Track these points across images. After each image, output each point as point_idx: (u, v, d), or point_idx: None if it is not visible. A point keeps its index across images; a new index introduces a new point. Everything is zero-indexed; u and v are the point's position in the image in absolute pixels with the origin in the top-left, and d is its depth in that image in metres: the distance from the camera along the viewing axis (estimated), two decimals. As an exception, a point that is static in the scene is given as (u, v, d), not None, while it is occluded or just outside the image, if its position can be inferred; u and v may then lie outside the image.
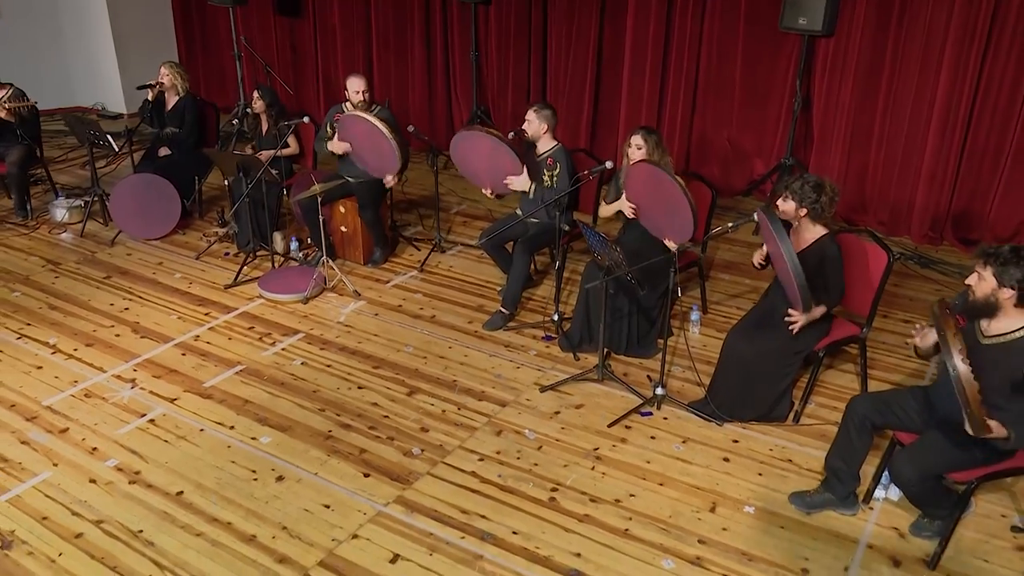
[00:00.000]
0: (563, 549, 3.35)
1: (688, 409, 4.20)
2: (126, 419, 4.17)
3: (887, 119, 6.10)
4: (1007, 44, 5.55)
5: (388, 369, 4.62)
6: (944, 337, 2.81)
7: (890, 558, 3.31)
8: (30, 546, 3.36)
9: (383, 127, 5.24)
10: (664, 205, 4.36)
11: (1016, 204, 5.85)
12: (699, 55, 6.74)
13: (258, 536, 3.41)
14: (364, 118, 5.32)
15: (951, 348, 2.76)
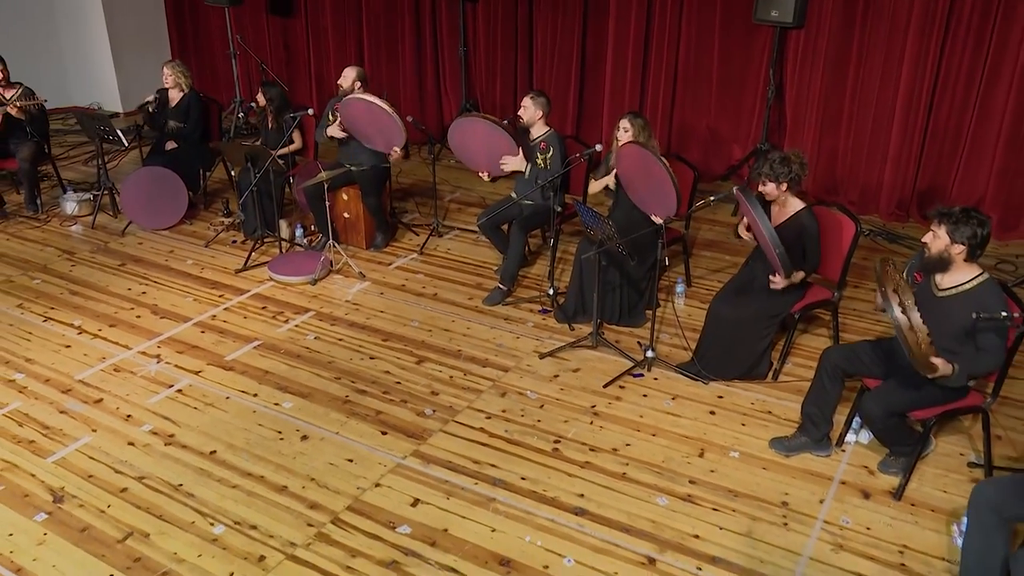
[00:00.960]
0: (567, 491, 3.70)
1: (676, 370, 4.57)
2: (155, 390, 4.48)
3: (855, 105, 6.51)
4: (963, 35, 5.97)
5: (396, 341, 4.95)
6: (884, 291, 3.20)
7: (860, 491, 3.69)
8: (80, 500, 3.66)
9: (380, 101, 5.51)
10: (650, 183, 4.72)
11: (974, 181, 6.28)
12: (678, 47, 7.11)
13: (289, 487, 3.74)
14: (361, 98, 5.60)
15: (890, 300, 3.15)
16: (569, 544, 3.41)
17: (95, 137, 6.57)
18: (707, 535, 3.45)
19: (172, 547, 3.40)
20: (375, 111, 5.57)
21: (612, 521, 3.52)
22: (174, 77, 6.59)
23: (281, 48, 9.25)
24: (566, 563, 3.31)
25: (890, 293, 3.19)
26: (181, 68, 6.65)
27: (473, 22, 8.06)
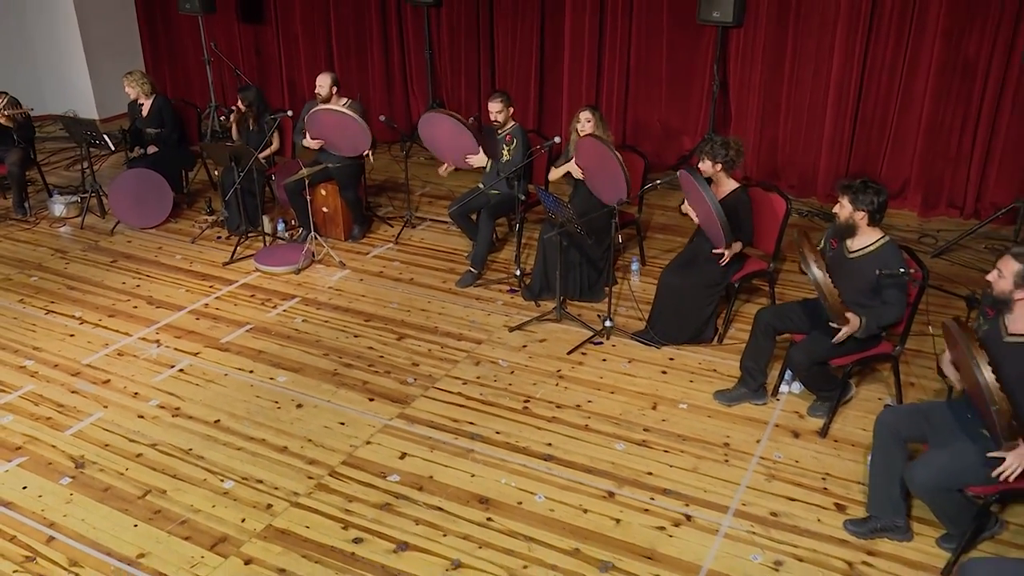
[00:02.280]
0: (537, 441, 4.20)
1: (632, 337, 5.09)
2: (158, 370, 4.89)
3: (791, 97, 7.09)
4: (885, 30, 6.58)
5: (378, 321, 5.41)
6: (802, 253, 3.75)
7: (792, 432, 4.24)
8: (100, 465, 4.08)
9: (344, 109, 5.96)
10: (605, 171, 5.24)
11: (900, 164, 6.89)
12: (629, 47, 7.64)
13: (289, 447, 4.19)
14: (326, 108, 6.05)
15: (808, 260, 3.70)
16: (539, 484, 3.90)
17: (82, 142, 6.93)
18: (659, 472, 3.97)
19: (188, 500, 3.83)
20: (342, 120, 6.00)
21: (576, 464, 4.03)
22: (136, 87, 6.93)
23: (253, 54, 9.62)
24: (537, 499, 3.81)
25: (806, 253, 3.74)
26: (139, 76, 6.99)
27: (437, 26, 8.52)
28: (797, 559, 3.45)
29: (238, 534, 3.63)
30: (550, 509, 3.75)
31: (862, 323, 3.86)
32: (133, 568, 3.45)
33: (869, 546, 3.50)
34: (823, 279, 3.70)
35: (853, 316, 3.85)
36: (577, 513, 3.72)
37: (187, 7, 8.53)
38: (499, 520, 3.69)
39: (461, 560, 3.47)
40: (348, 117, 5.97)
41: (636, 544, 3.54)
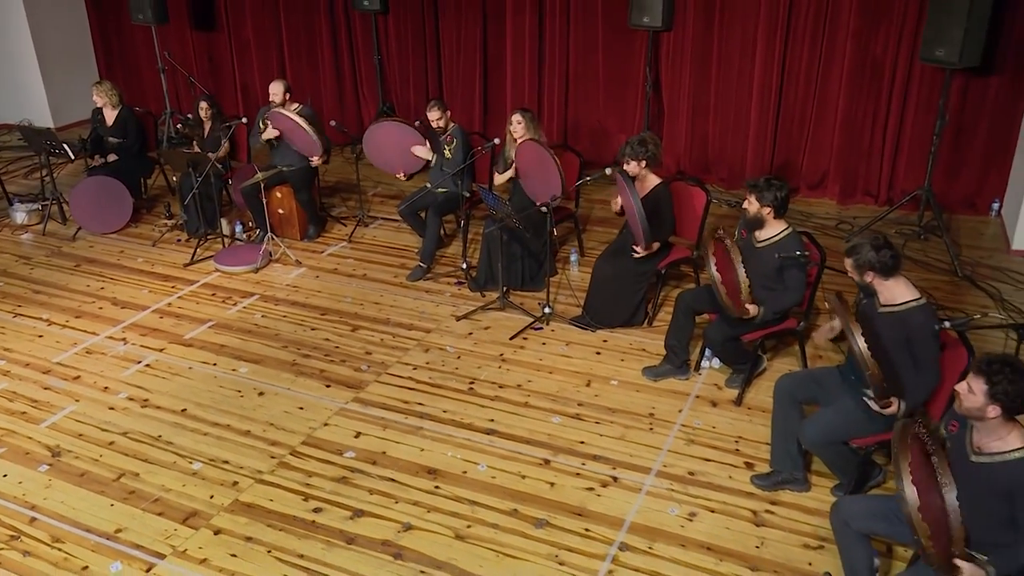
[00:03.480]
0: (481, 418, 4.61)
1: (569, 322, 5.52)
2: (126, 366, 5.20)
3: (719, 95, 7.58)
4: (801, 33, 7.10)
5: (333, 315, 5.77)
6: (707, 256, 4.23)
7: (710, 402, 4.70)
8: (75, 453, 4.40)
9: (298, 119, 6.30)
10: (542, 173, 5.65)
11: (819, 158, 7.44)
12: (568, 50, 8.08)
13: (252, 431, 4.55)
14: (286, 115, 6.39)
15: (710, 263, 4.19)
16: (482, 455, 4.31)
17: (41, 151, 7.16)
18: (590, 441, 4.40)
19: (159, 481, 4.17)
20: (296, 128, 6.34)
21: (516, 436, 4.45)
22: (104, 97, 7.20)
23: (206, 61, 9.87)
24: (480, 468, 4.22)
25: (709, 254, 4.23)
26: (109, 87, 7.25)
27: (385, 32, 8.87)
28: (709, 511, 3.90)
29: (207, 509, 3.98)
30: (492, 476, 4.16)
31: (760, 312, 4.34)
32: (112, 542, 3.78)
33: (773, 497, 3.97)
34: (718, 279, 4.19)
35: (752, 308, 4.33)
36: (516, 479, 4.14)
37: (140, 17, 8.77)
38: (446, 488, 4.09)
39: (411, 523, 3.86)
40: (303, 130, 6.30)
41: (568, 503, 3.97)
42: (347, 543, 3.75)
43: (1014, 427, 2.76)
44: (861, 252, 3.61)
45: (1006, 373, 2.68)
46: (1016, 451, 2.72)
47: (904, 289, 3.62)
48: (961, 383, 2.78)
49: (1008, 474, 2.71)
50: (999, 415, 2.71)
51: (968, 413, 2.78)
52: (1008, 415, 2.72)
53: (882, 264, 3.59)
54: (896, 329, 3.57)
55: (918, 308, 3.55)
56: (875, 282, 3.64)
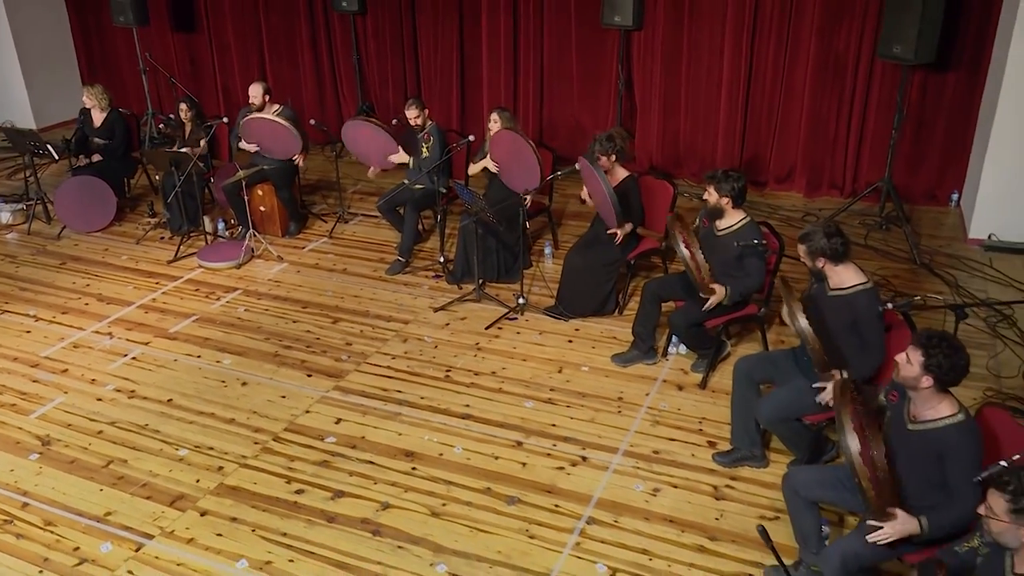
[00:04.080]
0: (457, 403, 4.80)
1: (543, 312, 5.72)
2: (112, 359, 5.36)
3: (689, 92, 7.80)
4: (767, 31, 7.33)
5: (314, 308, 5.95)
6: (673, 235, 4.42)
7: (677, 386, 4.92)
8: (64, 442, 4.55)
9: (275, 117, 6.47)
10: (519, 162, 5.84)
11: (787, 151, 7.67)
12: (542, 49, 8.28)
13: (236, 419, 4.72)
14: (260, 117, 6.56)
15: (677, 240, 4.38)
16: (458, 438, 4.51)
17: (25, 152, 7.29)
18: (561, 423, 4.60)
19: (147, 467, 4.34)
20: (274, 127, 6.50)
21: (491, 420, 4.64)
22: (94, 99, 7.34)
23: (187, 63, 10.00)
24: (455, 451, 4.41)
25: (676, 236, 4.43)
26: (100, 90, 7.39)
27: (364, 33, 9.03)
28: (672, 486, 4.11)
29: (194, 492, 4.15)
30: (467, 458, 4.35)
31: (727, 292, 4.55)
32: (102, 524, 3.95)
33: (732, 473, 4.18)
34: (687, 256, 4.38)
35: (719, 287, 4.54)
36: (489, 460, 4.33)
37: (121, 19, 8.89)
38: (422, 469, 4.28)
39: (390, 502, 4.05)
40: (280, 125, 6.46)
41: (539, 482, 4.17)
42: (328, 522, 3.94)
43: (945, 397, 2.98)
44: (814, 239, 3.83)
45: (943, 348, 2.91)
46: (946, 418, 2.95)
47: (852, 274, 3.84)
48: (900, 354, 3.01)
49: (939, 440, 2.94)
50: (932, 386, 2.93)
51: (904, 382, 3.00)
52: (940, 386, 2.95)
53: (833, 250, 3.81)
54: (844, 311, 3.79)
55: (864, 291, 3.77)
56: (826, 267, 3.86)
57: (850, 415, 2.90)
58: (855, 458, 2.81)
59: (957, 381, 2.94)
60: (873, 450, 2.99)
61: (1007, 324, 5.42)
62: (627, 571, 3.62)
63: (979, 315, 5.52)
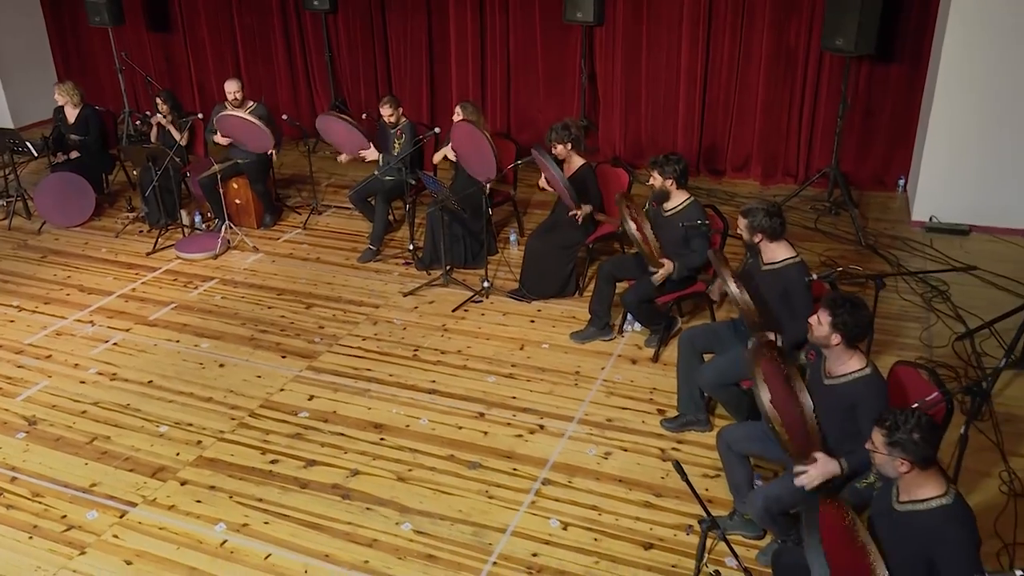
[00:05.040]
0: (424, 379, 5.09)
1: (507, 295, 6.01)
2: (95, 344, 5.60)
3: (649, 85, 8.11)
4: (722, 26, 7.65)
5: (289, 295, 6.21)
6: (621, 213, 4.73)
7: (631, 360, 5.23)
8: (50, 421, 4.80)
9: (247, 115, 6.73)
10: (477, 153, 6.12)
11: (743, 142, 8.01)
12: (508, 45, 8.56)
13: (214, 397, 4.98)
14: (233, 114, 6.81)
15: (625, 217, 4.68)
16: (424, 411, 4.79)
17: (5, 150, 7.48)
18: (521, 396, 4.90)
19: (129, 443, 4.59)
20: (246, 124, 6.74)
21: (455, 395, 4.93)
22: (66, 96, 7.55)
23: (163, 61, 10.20)
24: (421, 422, 4.70)
25: (624, 213, 4.73)
26: (70, 87, 7.60)
27: (335, 31, 9.28)
28: (623, 450, 4.42)
29: (174, 464, 4.41)
30: (432, 429, 4.64)
31: (675, 267, 4.86)
32: (88, 494, 4.20)
33: (679, 437, 4.50)
34: (634, 232, 4.69)
35: (667, 262, 4.85)
36: (453, 430, 4.62)
37: (97, 20, 9.08)
38: (390, 439, 4.56)
39: (359, 469, 4.33)
40: (252, 123, 6.71)
41: (499, 448, 4.46)
42: (301, 488, 4.21)
43: (854, 353, 3.31)
44: (756, 216, 4.14)
45: (847, 307, 3.23)
46: (856, 372, 3.27)
47: (784, 250, 4.16)
48: (813, 316, 3.32)
49: (850, 392, 3.26)
50: (841, 343, 3.26)
51: (817, 341, 3.32)
52: (848, 343, 3.27)
53: (772, 229, 4.13)
54: (776, 283, 4.11)
55: (793, 265, 4.09)
56: (762, 243, 4.18)
57: (762, 369, 3.21)
58: (766, 406, 3.13)
59: (862, 337, 3.27)
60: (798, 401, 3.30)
61: (941, 299, 5.77)
62: (578, 525, 3.93)
63: (916, 291, 5.88)
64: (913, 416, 2.60)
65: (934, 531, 2.55)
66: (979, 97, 6.38)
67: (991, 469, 4.17)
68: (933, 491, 2.61)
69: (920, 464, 2.59)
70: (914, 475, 2.61)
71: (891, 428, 2.59)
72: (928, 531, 2.56)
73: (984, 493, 4.03)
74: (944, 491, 2.60)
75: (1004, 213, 6.57)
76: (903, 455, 2.58)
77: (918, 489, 2.63)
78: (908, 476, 2.62)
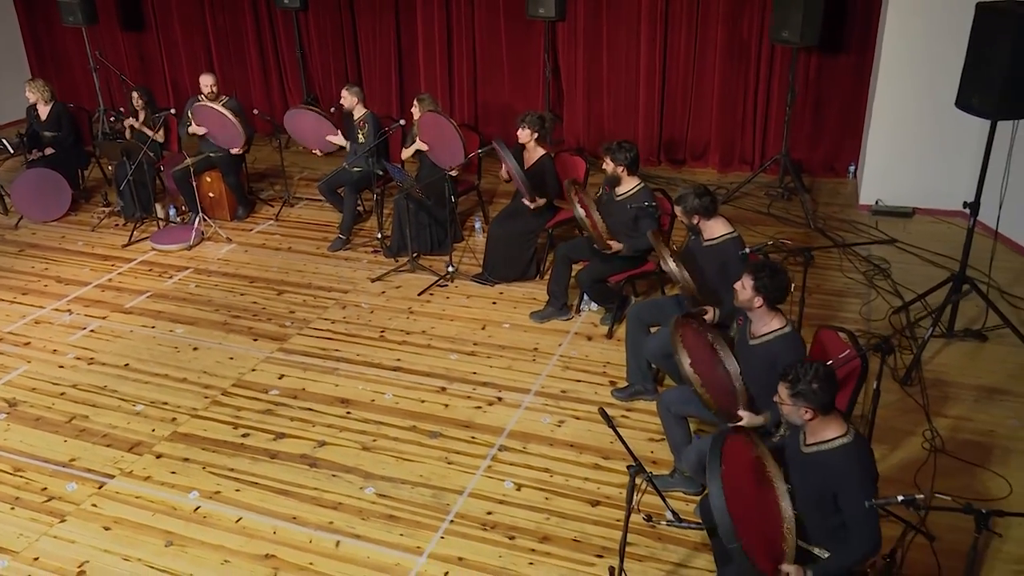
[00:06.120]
0: (390, 358, 5.34)
1: (471, 279, 6.27)
2: (72, 331, 5.81)
3: (610, 78, 8.39)
4: (678, 20, 7.94)
5: (261, 283, 6.43)
6: (571, 197, 5.00)
7: (586, 337, 5.50)
8: (30, 403, 5.01)
9: (222, 108, 6.94)
10: (443, 141, 6.37)
11: (701, 131, 8.31)
12: (474, 40, 8.81)
13: (188, 378, 5.21)
14: (209, 106, 7.02)
15: (573, 202, 4.96)
16: (389, 386, 5.05)
17: (-18, 147, 7.66)
18: (481, 371, 5.16)
19: (107, 421, 4.82)
20: (221, 117, 6.96)
21: (418, 371, 5.19)
22: (36, 93, 7.73)
23: (137, 60, 10.37)
24: (386, 397, 4.95)
25: (573, 197, 5.00)
26: (40, 84, 7.79)
27: (306, 27, 9.50)
28: (575, 419, 4.70)
29: (150, 439, 4.64)
30: (395, 402, 4.89)
31: (625, 246, 5.15)
32: (68, 468, 4.43)
33: (629, 406, 4.78)
34: (583, 216, 4.97)
35: (617, 244, 5.13)
36: (416, 403, 4.88)
37: (71, 19, 9.23)
38: (356, 413, 4.82)
39: (326, 440, 4.58)
40: (227, 119, 6.92)
41: (458, 419, 4.72)
42: (271, 458, 4.46)
43: (776, 315, 3.60)
44: (687, 200, 4.42)
45: (767, 271, 3.53)
46: (776, 331, 3.57)
47: (721, 226, 4.45)
48: (737, 282, 3.61)
49: (771, 349, 3.55)
50: (763, 304, 3.55)
51: (742, 304, 3.61)
52: (770, 305, 3.56)
53: (704, 207, 4.41)
54: (716, 257, 4.40)
55: (730, 240, 4.38)
56: (700, 223, 4.46)
57: (684, 338, 3.49)
58: (686, 369, 3.40)
59: (782, 298, 3.56)
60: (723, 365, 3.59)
61: (883, 276, 6.09)
62: (531, 486, 4.20)
63: (859, 269, 6.20)
64: (812, 368, 2.88)
65: (836, 466, 2.83)
66: (918, 85, 6.70)
67: (916, 428, 4.47)
68: (835, 432, 2.89)
69: (821, 410, 2.87)
70: (817, 421, 2.90)
71: (793, 381, 2.87)
72: (831, 467, 2.85)
73: (908, 450, 4.33)
74: (845, 432, 2.89)
75: (945, 196, 6.89)
76: (805, 404, 2.86)
77: (822, 432, 2.91)
78: (812, 423, 2.90)
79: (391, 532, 3.93)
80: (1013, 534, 3.72)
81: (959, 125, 6.36)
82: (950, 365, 5.04)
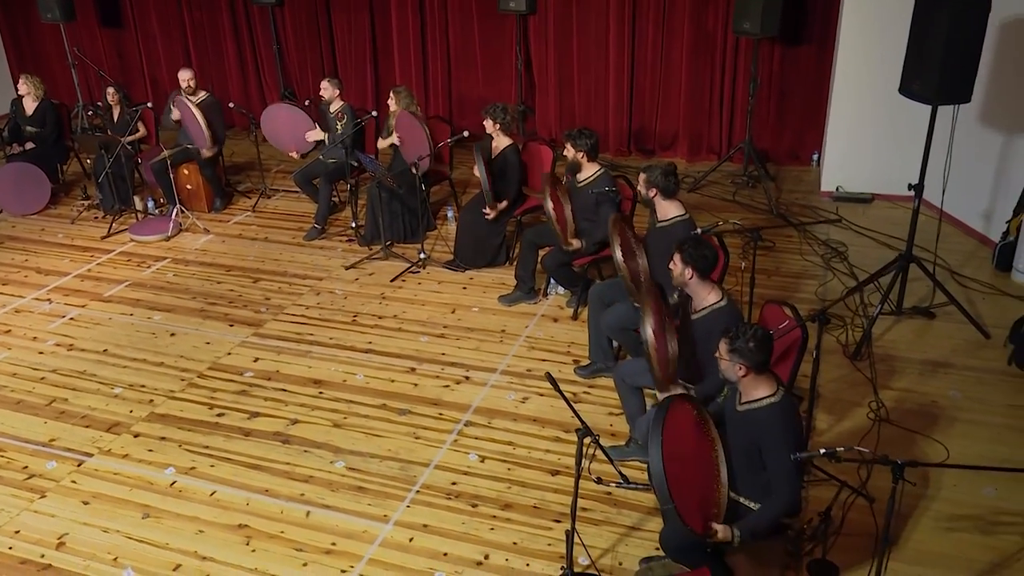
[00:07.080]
0: (361, 341, 5.51)
1: (442, 266, 6.45)
2: (52, 319, 5.95)
3: (581, 71, 8.58)
4: (646, 13, 8.14)
5: (237, 271, 6.59)
6: (544, 193, 5.19)
7: (552, 319, 5.70)
8: (10, 388, 5.16)
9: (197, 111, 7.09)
10: (414, 138, 6.56)
11: (670, 122, 8.52)
12: (448, 34, 8.98)
13: (165, 362, 5.37)
14: (187, 103, 7.17)
15: (545, 198, 5.15)
16: (360, 368, 5.22)
17: (-39, 142, 7.76)
18: (450, 352, 5.35)
19: (86, 403, 4.97)
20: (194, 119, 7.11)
21: (389, 353, 5.37)
22: (30, 88, 7.86)
23: (115, 56, 10.48)
24: (357, 377, 5.13)
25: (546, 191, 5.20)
26: (37, 80, 7.92)
27: (282, 23, 9.64)
28: (539, 395, 4.89)
29: (128, 420, 4.80)
30: (366, 383, 5.07)
31: (583, 245, 5.35)
32: (48, 448, 4.58)
33: (590, 382, 4.98)
34: (550, 211, 5.17)
35: (576, 241, 5.33)
36: (386, 383, 5.06)
37: (49, 16, 9.33)
38: (328, 392, 4.99)
39: (298, 418, 4.76)
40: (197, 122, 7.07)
41: (427, 397, 4.91)
42: (245, 436, 4.63)
43: (712, 288, 3.82)
44: (654, 173, 4.63)
45: (691, 243, 3.78)
46: (713, 305, 3.79)
47: (675, 208, 4.65)
48: (671, 261, 3.82)
49: (709, 321, 3.76)
50: (694, 276, 3.76)
51: (678, 281, 3.83)
52: (701, 276, 3.78)
53: (666, 187, 4.62)
54: (667, 238, 4.58)
55: (681, 221, 4.58)
56: (656, 199, 4.66)
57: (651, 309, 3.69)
58: (649, 340, 3.60)
59: (711, 268, 3.79)
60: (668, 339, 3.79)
61: (840, 259, 6.31)
62: (494, 458, 4.39)
63: (817, 252, 6.42)
64: (751, 329, 3.09)
65: (763, 423, 3.04)
66: (874, 74, 6.92)
67: (863, 400, 4.69)
68: (765, 392, 3.10)
69: (755, 368, 3.08)
70: (751, 379, 3.10)
71: (732, 338, 3.08)
72: (758, 423, 3.05)
73: (854, 420, 4.55)
74: (774, 391, 3.10)
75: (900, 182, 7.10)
76: (741, 360, 3.07)
77: (754, 391, 3.12)
78: (745, 380, 3.11)
79: (359, 502, 4.11)
80: (944, 494, 3.94)
81: (912, 113, 6.55)
82: (899, 341, 5.26)
